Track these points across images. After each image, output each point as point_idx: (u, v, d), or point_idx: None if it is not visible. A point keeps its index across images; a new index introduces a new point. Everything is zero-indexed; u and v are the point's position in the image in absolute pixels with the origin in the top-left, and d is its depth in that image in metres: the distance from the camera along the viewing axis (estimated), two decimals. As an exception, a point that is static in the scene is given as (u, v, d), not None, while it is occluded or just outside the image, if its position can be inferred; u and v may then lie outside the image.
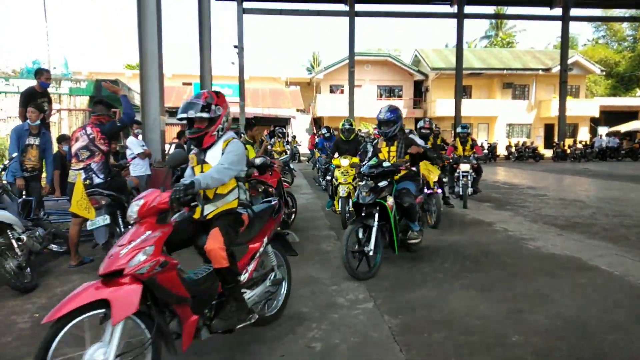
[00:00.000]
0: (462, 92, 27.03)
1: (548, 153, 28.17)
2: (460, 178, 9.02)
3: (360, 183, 4.88)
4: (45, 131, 6.02)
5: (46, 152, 5.91)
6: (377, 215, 4.68)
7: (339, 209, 7.11)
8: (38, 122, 5.75)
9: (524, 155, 25.80)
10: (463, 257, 5.34)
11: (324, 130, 12.75)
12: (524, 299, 3.99)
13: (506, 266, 5.00)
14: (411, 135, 5.59)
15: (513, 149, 26.68)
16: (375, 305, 3.89)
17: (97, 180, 4.86)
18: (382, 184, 4.78)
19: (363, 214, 4.69)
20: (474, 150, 9.38)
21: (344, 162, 7.45)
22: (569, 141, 27.76)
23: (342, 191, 7.03)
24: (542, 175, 17.14)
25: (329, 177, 7.89)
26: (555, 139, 27.68)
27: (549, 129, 32.69)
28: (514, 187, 12.74)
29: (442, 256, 5.41)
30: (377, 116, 5.34)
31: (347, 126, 8.22)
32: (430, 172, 7.05)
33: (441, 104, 31.00)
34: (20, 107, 6.70)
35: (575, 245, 5.88)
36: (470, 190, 9.00)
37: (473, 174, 9.08)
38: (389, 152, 5.28)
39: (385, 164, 4.91)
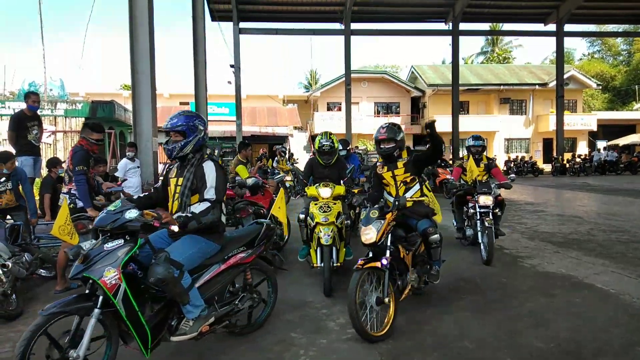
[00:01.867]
0: (459, 108, 27.11)
1: (547, 168, 28.13)
2: (477, 216, 6.09)
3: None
4: (18, 171, 5.79)
5: (24, 187, 5.70)
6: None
7: (317, 263, 4.90)
8: (5, 170, 5.59)
9: (523, 170, 25.75)
10: (457, 277, 5.24)
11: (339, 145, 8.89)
12: (519, 321, 3.90)
13: (501, 286, 4.91)
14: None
15: (512, 164, 26.67)
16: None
17: (80, 205, 4.83)
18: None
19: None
20: (492, 173, 6.59)
21: (324, 192, 5.25)
22: (567, 155, 27.74)
23: (325, 237, 4.72)
24: (541, 190, 17.07)
25: (301, 215, 5.43)
26: (554, 154, 27.67)
27: (547, 143, 32.74)
28: (512, 203, 12.67)
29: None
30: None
31: (325, 143, 5.65)
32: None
33: (439, 120, 30.71)
34: (9, 131, 6.68)
35: (572, 263, 5.80)
36: (495, 232, 6.10)
37: (498, 210, 6.33)
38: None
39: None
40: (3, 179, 5.59)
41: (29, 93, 7.14)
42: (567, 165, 25.87)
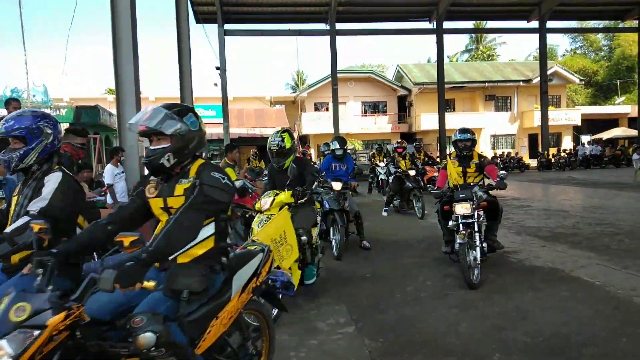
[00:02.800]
0: (445, 105, 27.35)
1: (533, 163, 28.48)
2: (459, 229, 4.85)
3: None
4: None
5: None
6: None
7: None
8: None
9: (509, 166, 26.02)
10: (445, 274, 5.28)
11: (332, 146, 7.36)
12: (505, 316, 3.94)
13: (488, 282, 4.95)
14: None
15: (498, 160, 26.95)
16: (356, 329, 3.81)
17: None
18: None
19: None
20: (486, 171, 5.52)
21: (263, 203, 4.34)
22: (553, 150, 28.14)
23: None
24: (527, 185, 17.27)
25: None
26: (540, 149, 28.03)
27: (532, 139, 33.12)
28: (498, 199, 12.76)
29: (425, 274, 5.36)
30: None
31: (272, 143, 4.72)
32: None
33: (426, 118, 31.27)
34: None
35: (558, 257, 5.87)
36: (480, 249, 4.80)
37: (483, 220, 5.09)
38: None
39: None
40: None
41: (9, 99, 7.03)
42: (553, 160, 26.23)
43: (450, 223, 5.04)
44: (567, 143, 33.36)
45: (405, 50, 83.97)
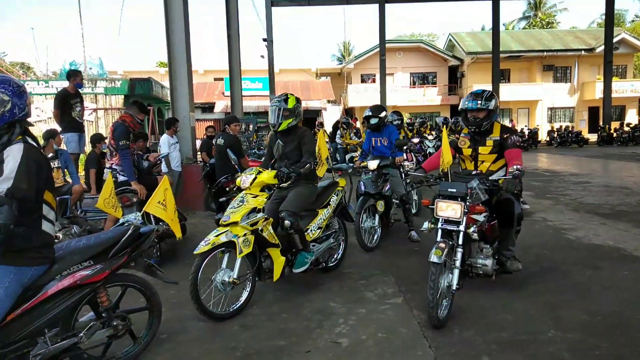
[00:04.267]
0: (499, 76, 26.08)
1: (593, 137, 26.84)
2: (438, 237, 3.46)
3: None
4: (62, 151, 6.19)
5: (68, 168, 6.15)
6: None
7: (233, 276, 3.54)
8: (55, 147, 5.97)
9: (566, 141, 24.70)
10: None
11: (366, 114, 5.92)
12: (561, 293, 3.81)
13: (544, 258, 4.78)
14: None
15: (555, 134, 25.63)
16: (404, 300, 3.81)
17: (121, 179, 5.02)
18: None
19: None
20: (505, 157, 3.81)
21: (243, 180, 3.89)
22: (615, 124, 26.33)
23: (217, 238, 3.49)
24: (586, 161, 16.37)
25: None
26: (601, 123, 26.34)
27: (593, 112, 31.15)
28: (555, 175, 12.21)
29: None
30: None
31: (275, 101, 4.23)
32: None
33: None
34: (55, 109, 6.94)
35: (620, 235, 5.57)
36: (459, 273, 3.37)
37: (474, 232, 3.41)
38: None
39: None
40: (51, 154, 5.85)
41: (75, 71, 7.37)
42: (615, 134, 24.61)
43: (425, 225, 3.59)
44: (632, 117, 31.12)
45: (457, 19, 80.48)
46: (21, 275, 2.30)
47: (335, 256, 4.70)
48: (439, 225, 3.42)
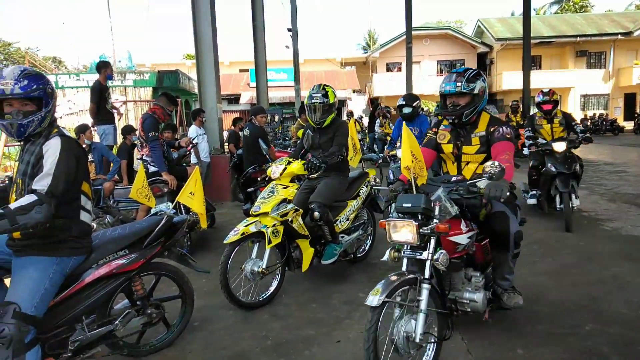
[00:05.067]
0: (530, 63, 25.24)
1: (629, 125, 25.87)
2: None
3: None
4: (95, 145, 6.31)
5: (109, 157, 6.28)
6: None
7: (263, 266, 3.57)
8: (83, 144, 6.08)
9: (601, 129, 23.91)
10: (531, 240, 5.00)
11: (400, 102, 5.78)
12: (600, 285, 3.68)
13: (580, 250, 4.64)
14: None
15: (589, 122, 24.81)
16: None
17: (152, 169, 5.09)
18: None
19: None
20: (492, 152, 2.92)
21: (274, 170, 3.99)
22: (653, 111, 25.31)
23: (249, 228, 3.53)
24: (621, 149, 15.79)
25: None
26: (638, 110, 25.30)
27: (629, 98, 29.94)
28: (589, 164, 11.80)
29: (507, 239, 5.12)
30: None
31: (315, 95, 4.06)
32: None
33: (508, 77, 29.24)
34: (91, 103, 7.03)
35: (661, 226, 5.35)
36: (424, 318, 2.36)
37: (447, 261, 2.45)
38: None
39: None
40: (86, 148, 5.99)
41: (104, 62, 7.48)
42: (653, 121, 23.65)
43: (386, 255, 2.63)
44: (672, 103, 29.82)
45: (485, 6, 78.34)
46: (63, 265, 2.36)
47: (363, 247, 4.69)
48: (403, 252, 2.55)
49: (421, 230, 2.41)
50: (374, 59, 32.76)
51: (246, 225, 3.54)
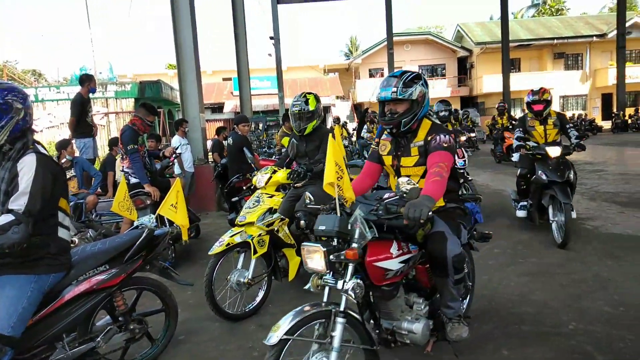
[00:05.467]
0: (509, 65, 25.74)
1: (607, 125, 26.42)
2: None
3: None
4: (77, 159, 6.23)
5: (91, 171, 6.20)
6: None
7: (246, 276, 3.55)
8: (64, 159, 6.02)
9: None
10: (515, 241, 5.08)
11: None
12: (583, 284, 3.74)
13: (564, 249, 4.70)
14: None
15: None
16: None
17: (133, 181, 5.04)
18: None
19: None
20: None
21: (258, 179, 4.00)
22: (629, 111, 25.84)
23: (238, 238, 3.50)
24: (600, 149, 16.09)
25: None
26: (614, 110, 25.89)
27: (606, 99, 30.65)
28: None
29: (492, 240, 5.15)
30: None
31: (295, 103, 4.06)
32: None
33: (488, 80, 29.75)
34: (72, 117, 6.91)
35: (639, 224, 5.45)
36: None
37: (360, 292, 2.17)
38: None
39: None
40: (63, 160, 5.91)
41: (88, 75, 7.37)
42: (630, 120, 24.18)
43: (309, 284, 2.37)
44: (647, 102, 30.56)
45: (463, 11, 79.65)
46: (41, 282, 2.30)
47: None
48: (324, 280, 2.26)
49: (331, 257, 2.11)
50: (357, 65, 33.04)
51: (231, 236, 3.51)
